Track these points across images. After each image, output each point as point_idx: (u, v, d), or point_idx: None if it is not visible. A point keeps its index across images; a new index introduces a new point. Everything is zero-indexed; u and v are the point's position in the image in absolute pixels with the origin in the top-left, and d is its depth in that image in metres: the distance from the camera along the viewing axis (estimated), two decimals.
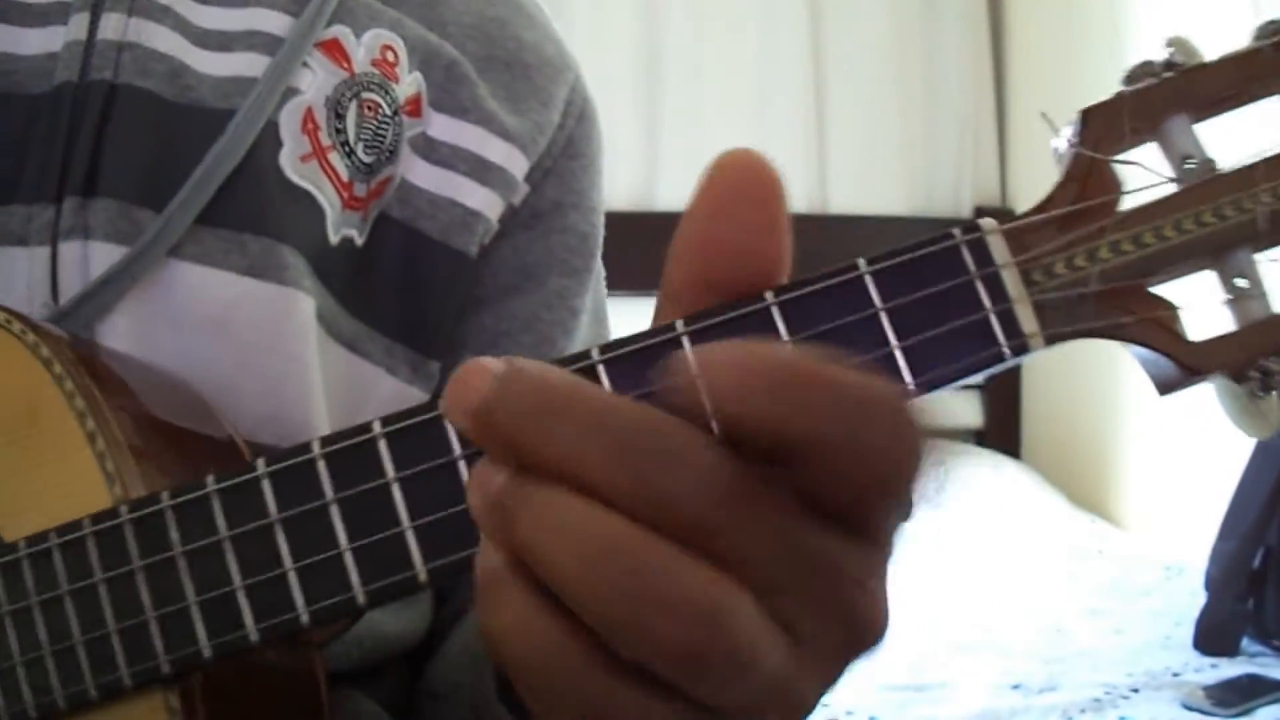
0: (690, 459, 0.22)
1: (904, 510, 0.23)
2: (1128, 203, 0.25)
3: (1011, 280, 0.25)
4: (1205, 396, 0.26)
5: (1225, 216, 0.24)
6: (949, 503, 2.06)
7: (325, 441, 0.28)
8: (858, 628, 0.24)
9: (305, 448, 0.28)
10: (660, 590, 0.22)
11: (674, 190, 2.37)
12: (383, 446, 0.27)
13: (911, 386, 0.25)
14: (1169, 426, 2.01)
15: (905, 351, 0.25)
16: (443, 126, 0.49)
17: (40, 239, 0.42)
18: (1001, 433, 2.41)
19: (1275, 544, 1.59)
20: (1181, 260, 0.25)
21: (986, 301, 0.25)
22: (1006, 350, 0.25)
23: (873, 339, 0.25)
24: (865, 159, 2.46)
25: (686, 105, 2.37)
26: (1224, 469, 1.67)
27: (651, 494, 0.22)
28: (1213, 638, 1.56)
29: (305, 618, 0.28)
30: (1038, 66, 2.47)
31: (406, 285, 0.48)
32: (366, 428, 0.27)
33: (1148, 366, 0.26)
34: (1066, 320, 0.25)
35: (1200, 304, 0.25)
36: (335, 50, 0.47)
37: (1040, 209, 0.25)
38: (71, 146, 0.43)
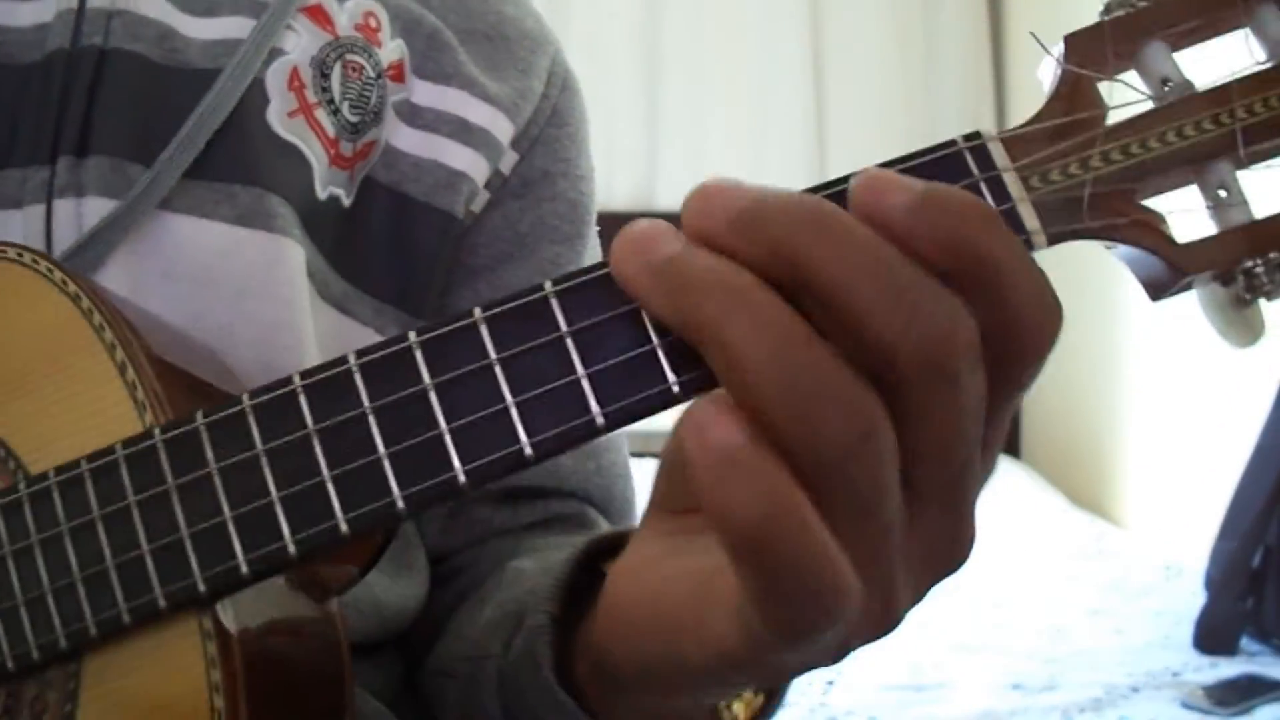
0: (947, 305, 0.24)
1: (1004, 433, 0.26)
2: (1114, 122, 0.27)
3: (1013, 182, 0.27)
4: (1204, 397, 0.27)
5: (1204, 130, 0.26)
6: None
7: (360, 353, 0.29)
8: (960, 538, 0.26)
9: (341, 360, 0.29)
10: (831, 385, 0.23)
11: (674, 190, 2.38)
12: (419, 355, 0.28)
13: None
14: (1169, 427, 2.02)
15: None
16: (426, 92, 0.51)
17: (35, 198, 0.43)
18: None
19: (1275, 544, 1.60)
20: (1167, 169, 0.27)
21: (991, 201, 0.27)
22: None
23: None
24: (865, 159, 2.46)
25: (686, 105, 2.38)
26: (1224, 469, 1.68)
27: (912, 330, 0.24)
28: (1212, 637, 1.56)
29: (344, 526, 0.29)
30: (1038, 64, 2.49)
31: (394, 247, 0.49)
32: (402, 338, 0.28)
33: (1137, 269, 0.28)
34: (1063, 220, 0.27)
35: (1185, 213, 0.27)
36: (319, 14, 0.49)
37: (1032, 122, 0.27)
38: (64, 110, 0.44)
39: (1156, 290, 0.27)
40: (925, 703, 1.40)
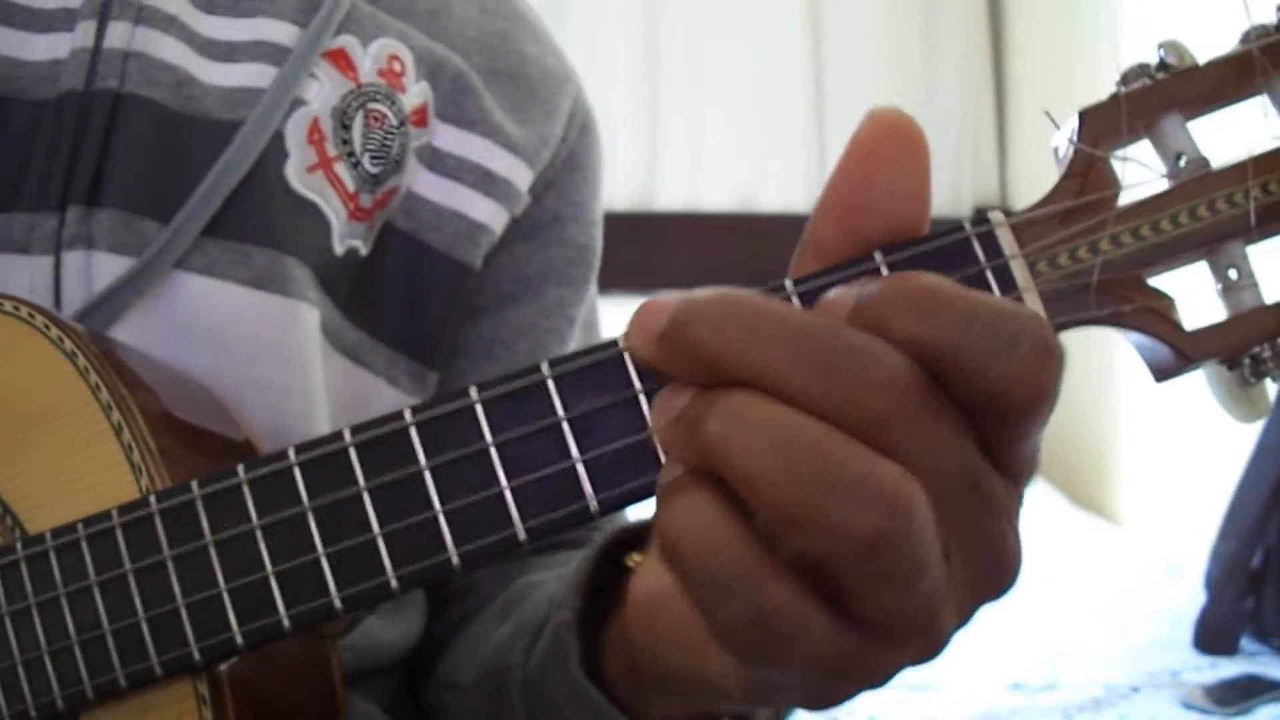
0: (880, 357, 0.23)
1: (1036, 447, 0.25)
2: (1125, 199, 0.27)
3: (1019, 271, 0.26)
4: (1203, 396, 0.27)
5: (1218, 210, 0.26)
6: None
7: (356, 430, 0.29)
8: (998, 563, 0.26)
9: (337, 436, 0.29)
10: (850, 478, 0.23)
11: (673, 190, 2.38)
12: (414, 434, 0.28)
13: None
14: (1168, 426, 2.02)
15: None
16: (449, 137, 0.49)
17: (43, 248, 0.42)
18: None
19: (1275, 544, 1.60)
20: (1177, 252, 0.26)
21: (996, 291, 0.26)
22: None
23: None
24: None
25: (686, 105, 2.38)
26: (1224, 469, 1.68)
27: (842, 389, 0.23)
28: (1212, 637, 1.57)
29: (338, 603, 0.29)
30: (1038, 66, 2.48)
31: (409, 296, 0.49)
32: (398, 416, 0.28)
33: (1144, 354, 0.27)
34: (1071, 309, 0.26)
35: (1194, 294, 0.26)
36: (342, 60, 0.47)
37: (1043, 204, 0.27)
38: (76, 155, 0.43)
39: (1162, 374, 0.27)
40: (925, 702, 1.41)
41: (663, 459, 0.26)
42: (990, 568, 0.26)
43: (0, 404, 0.37)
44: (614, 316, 0.58)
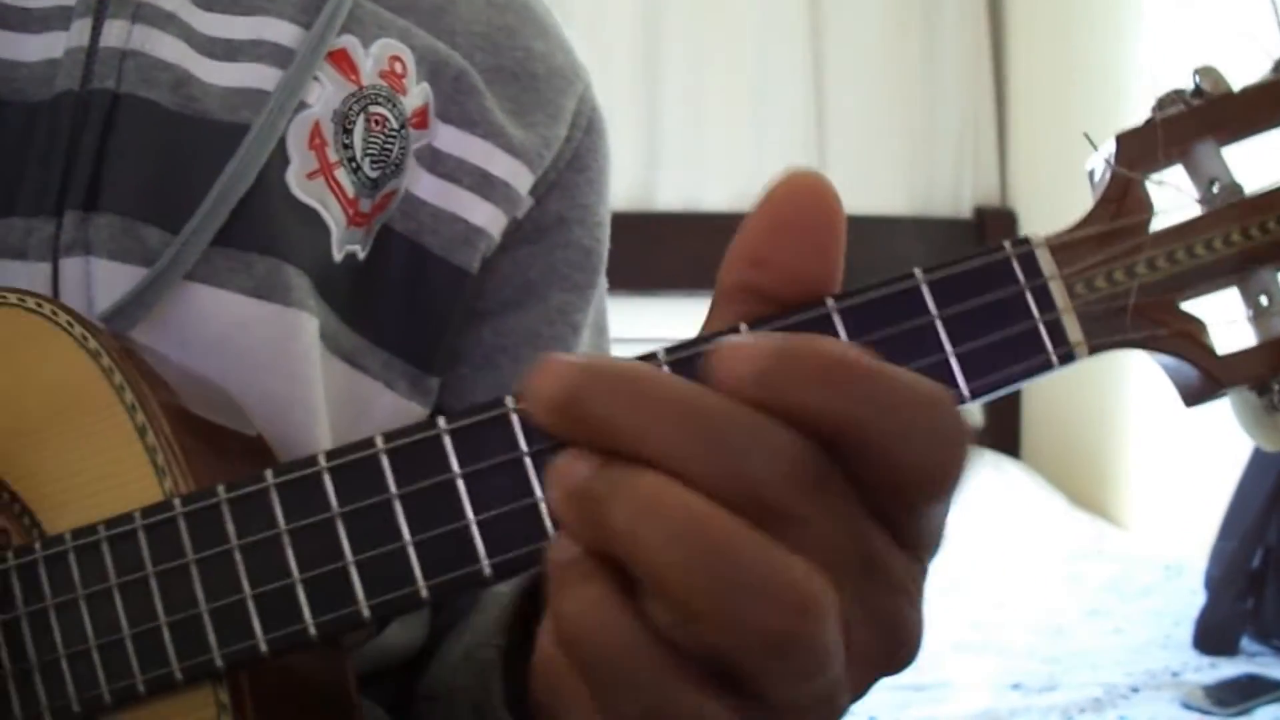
0: (769, 441, 0.23)
1: (942, 523, 0.24)
2: (1159, 223, 0.27)
3: (1058, 292, 0.26)
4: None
5: (1250, 236, 0.26)
6: None
7: (388, 437, 0.28)
8: (896, 638, 0.25)
9: (368, 443, 0.29)
10: (757, 575, 0.22)
11: (673, 190, 2.38)
12: (448, 442, 0.28)
13: (965, 392, 0.27)
14: (1169, 427, 2.02)
15: (960, 358, 0.26)
16: (449, 138, 0.48)
17: (40, 254, 0.41)
18: (1001, 433, 2.42)
19: (1275, 544, 1.60)
20: (1210, 277, 0.27)
21: (1036, 311, 0.26)
22: (1054, 358, 0.26)
23: (929, 346, 0.27)
24: (865, 159, 2.47)
25: (686, 105, 2.38)
26: (1224, 469, 1.68)
27: (730, 474, 0.22)
28: (1212, 637, 1.57)
29: (367, 612, 0.29)
30: (1038, 66, 2.48)
31: (406, 299, 0.48)
32: (431, 424, 0.28)
33: (1175, 377, 0.27)
34: (1106, 331, 0.26)
35: (1225, 320, 0.27)
36: (343, 61, 0.46)
37: (1080, 226, 0.27)
38: (73, 158, 0.42)
39: (1192, 398, 0.27)
40: (925, 702, 1.41)
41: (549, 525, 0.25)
42: (888, 645, 0.25)
43: (21, 401, 0.36)
44: (614, 317, 0.58)
